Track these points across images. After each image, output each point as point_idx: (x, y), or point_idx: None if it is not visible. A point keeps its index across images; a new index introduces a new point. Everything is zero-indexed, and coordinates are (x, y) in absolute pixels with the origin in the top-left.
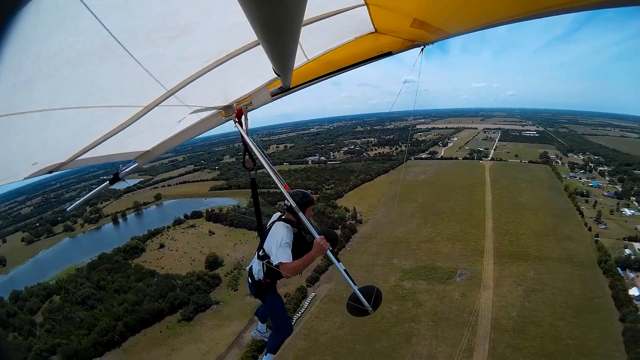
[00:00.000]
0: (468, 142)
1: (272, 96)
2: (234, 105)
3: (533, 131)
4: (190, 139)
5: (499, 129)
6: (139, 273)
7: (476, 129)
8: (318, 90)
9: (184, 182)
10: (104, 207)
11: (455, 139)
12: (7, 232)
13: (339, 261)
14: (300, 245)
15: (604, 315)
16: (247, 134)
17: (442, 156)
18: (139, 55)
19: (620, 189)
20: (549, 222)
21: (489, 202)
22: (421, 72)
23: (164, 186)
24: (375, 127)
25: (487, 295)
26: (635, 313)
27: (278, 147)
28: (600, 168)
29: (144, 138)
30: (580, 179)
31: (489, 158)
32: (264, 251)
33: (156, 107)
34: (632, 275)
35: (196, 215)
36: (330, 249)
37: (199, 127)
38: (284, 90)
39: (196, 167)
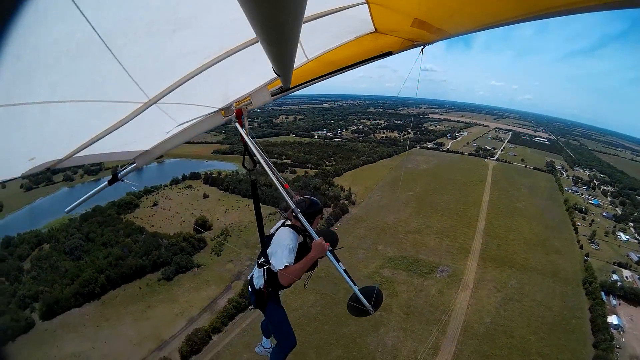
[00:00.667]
0: (477, 138)
1: (272, 96)
2: (234, 105)
3: (544, 138)
4: (190, 139)
5: (511, 130)
6: (129, 229)
7: (488, 127)
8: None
9: (188, 143)
10: (137, 189)
11: (465, 133)
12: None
13: (338, 261)
14: (305, 252)
15: (578, 337)
16: (247, 134)
17: (447, 149)
18: (138, 49)
19: (620, 212)
20: (541, 232)
21: (485, 202)
22: (442, 62)
23: (181, 144)
24: (387, 110)
25: (464, 297)
26: (610, 342)
27: (287, 118)
28: (604, 187)
29: (143, 137)
30: (581, 194)
31: (495, 158)
32: (265, 257)
33: (155, 104)
34: (614, 302)
35: (194, 176)
36: (330, 249)
37: (199, 126)
38: (284, 90)
39: (217, 125)
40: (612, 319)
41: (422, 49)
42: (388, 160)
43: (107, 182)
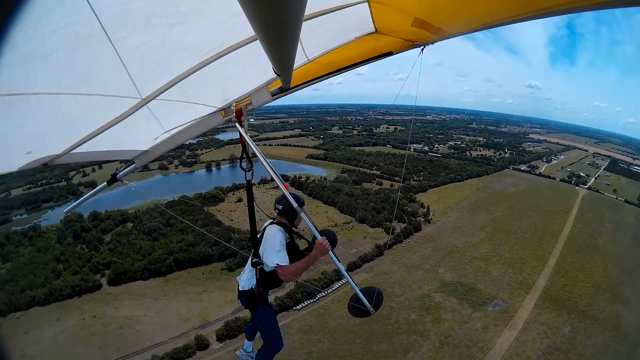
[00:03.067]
0: (573, 163)
1: (272, 96)
2: (234, 104)
3: None
4: (189, 139)
5: (609, 157)
6: (207, 219)
7: (587, 151)
8: (441, 76)
9: (285, 145)
10: (203, 153)
11: (562, 157)
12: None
13: (339, 261)
14: (293, 250)
15: None
16: (246, 134)
17: (540, 172)
18: (137, 41)
19: None
20: (616, 276)
21: (564, 235)
22: (547, 79)
23: (265, 145)
24: (489, 127)
25: (508, 337)
26: None
27: (388, 128)
28: None
29: (142, 137)
30: None
31: (587, 186)
32: (257, 256)
33: (154, 101)
34: None
35: (284, 178)
36: (331, 249)
37: (198, 127)
38: (284, 90)
39: (302, 132)
40: None
41: (422, 50)
42: (477, 179)
43: (106, 183)
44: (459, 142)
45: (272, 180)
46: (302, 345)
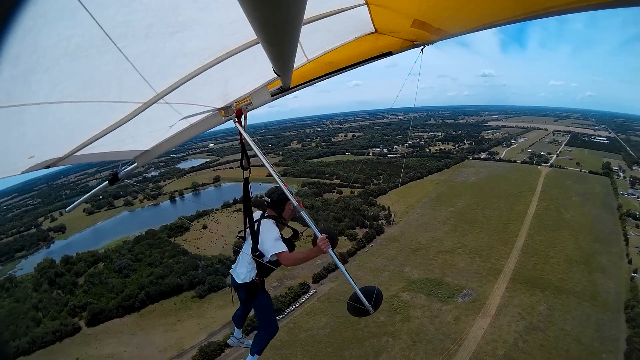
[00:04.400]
0: (533, 144)
1: (272, 96)
2: (234, 105)
3: (604, 137)
4: (189, 139)
5: (569, 132)
6: (174, 250)
7: (546, 130)
8: (395, 79)
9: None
10: (166, 184)
11: (522, 139)
12: (72, 201)
13: (339, 260)
14: (283, 240)
15: None
16: (246, 134)
17: (501, 158)
18: (137, 50)
19: None
20: (588, 247)
21: (530, 215)
22: (500, 66)
23: (226, 168)
24: (446, 121)
25: (482, 324)
26: None
27: (346, 136)
28: None
29: (143, 137)
30: (638, 197)
31: (549, 164)
32: (257, 250)
33: (154, 105)
34: None
35: None
36: (331, 247)
37: (199, 127)
38: (284, 90)
39: (263, 151)
40: None
41: (422, 49)
42: (437, 174)
43: (107, 182)
44: (418, 140)
45: (235, 203)
46: None
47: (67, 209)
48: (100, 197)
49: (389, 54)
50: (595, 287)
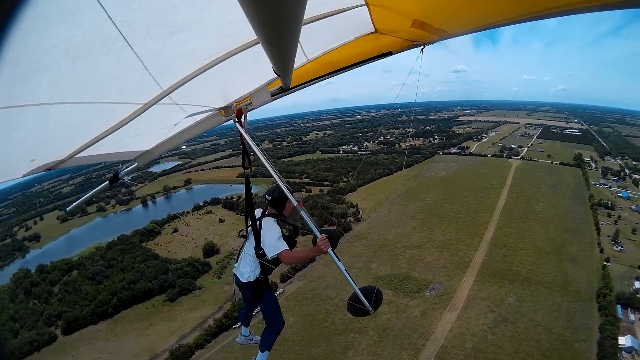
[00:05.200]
0: (505, 137)
1: (272, 96)
2: (234, 105)
3: (576, 129)
4: (189, 139)
5: (541, 125)
6: (144, 255)
7: (518, 123)
8: (369, 77)
9: (217, 167)
10: (138, 189)
11: (493, 133)
12: (46, 210)
13: (339, 260)
14: (284, 237)
15: None
16: (246, 134)
17: (471, 152)
18: (137, 51)
19: None
20: (558, 237)
21: (499, 207)
22: (472, 62)
23: (197, 170)
24: (418, 117)
25: (450, 318)
26: None
27: (317, 134)
28: (636, 176)
29: (143, 137)
30: (609, 187)
31: (519, 157)
32: (260, 249)
33: (155, 105)
34: (632, 317)
35: (215, 202)
36: (331, 247)
37: (199, 126)
38: (284, 90)
39: (233, 152)
40: (625, 340)
41: (422, 49)
42: (406, 170)
43: (107, 182)
44: (389, 137)
45: (205, 206)
46: None
47: (67, 209)
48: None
49: (389, 53)
50: (566, 277)
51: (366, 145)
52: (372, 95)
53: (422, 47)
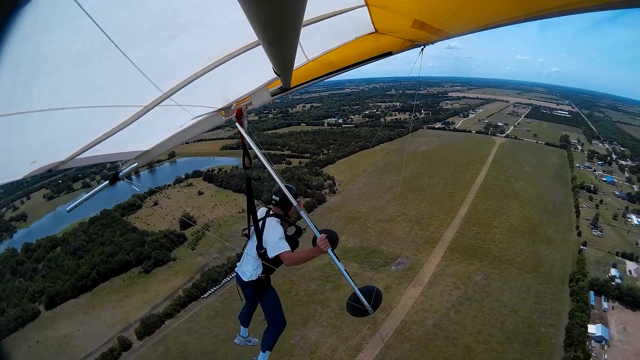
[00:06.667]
0: (492, 115)
1: (272, 96)
2: (234, 105)
3: (566, 111)
4: (190, 138)
5: (531, 104)
6: (124, 229)
7: (507, 102)
8: None
9: (202, 140)
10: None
11: (481, 110)
12: (33, 189)
13: (339, 260)
14: (288, 238)
15: (542, 351)
16: (247, 134)
17: (455, 127)
18: (138, 54)
19: (636, 190)
20: (535, 217)
21: (477, 184)
22: (466, 39)
23: (182, 144)
24: (407, 92)
25: (413, 293)
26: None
27: (304, 107)
28: (622, 162)
29: (144, 138)
30: (594, 170)
31: (504, 135)
32: (262, 248)
33: (156, 107)
34: (605, 305)
35: (196, 174)
36: (331, 248)
37: (199, 126)
38: (284, 90)
39: (218, 125)
40: (594, 329)
41: (422, 49)
42: (388, 144)
43: (107, 182)
44: (375, 110)
45: (187, 178)
46: (209, 331)
47: (67, 209)
48: (60, 181)
49: (389, 54)
50: (539, 258)
51: (351, 118)
52: (364, 69)
53: (422, 47)
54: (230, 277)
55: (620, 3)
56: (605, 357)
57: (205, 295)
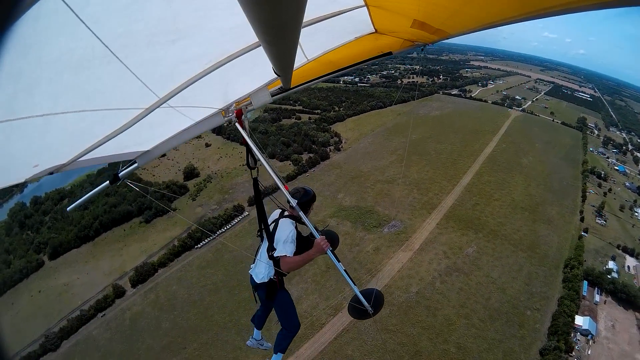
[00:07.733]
0: (511, 87)
1: (272, 96)
2: (234, 105)
3: (587, 94)
4: (190, 138)
5: (553, 82)
6: (130, 178)
7: (529, 77)
8: None
9: None
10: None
11: (501, 82)
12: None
13: (339, 261)
14: (301, 241)
15: (523, 335)
16: (247, 135)
17: (471, 96)
18: (139, 59)
19: None
20: (538, 195)
21: (485, 154)
22: None
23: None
24: (429, 55)
25: (402, 258)
26: (563, 352)
27: None
28: (638, 154)
29: (144, 138)
30: (607, 157)
31: (520, 108)
32: (272, 249)
33: (157, 109)
34: (597, 298)
35: None
36: (331, 249)
37: (199, 126)
38: (284, 90)
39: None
40: (582, 321)
41: (422, 49)
42: (401, 105)
43: (108, 182)
44: (393, 72)
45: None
46: (198, 280)
47: (67, 209)
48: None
49: (389, 54)
50: (536, 238)
51: (368, 77)
52: None
53: (422, 47)
54: (225, 229)
55: (620, 1)
56: (589, 352)
57: (199, 245)
